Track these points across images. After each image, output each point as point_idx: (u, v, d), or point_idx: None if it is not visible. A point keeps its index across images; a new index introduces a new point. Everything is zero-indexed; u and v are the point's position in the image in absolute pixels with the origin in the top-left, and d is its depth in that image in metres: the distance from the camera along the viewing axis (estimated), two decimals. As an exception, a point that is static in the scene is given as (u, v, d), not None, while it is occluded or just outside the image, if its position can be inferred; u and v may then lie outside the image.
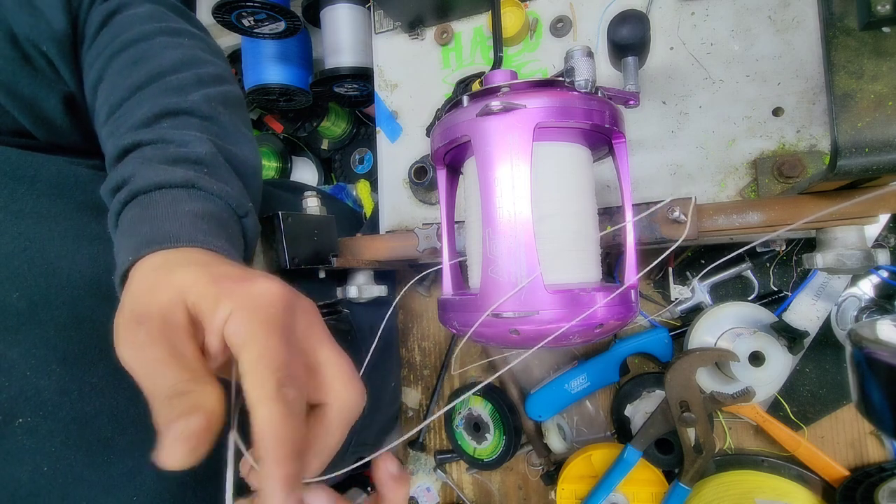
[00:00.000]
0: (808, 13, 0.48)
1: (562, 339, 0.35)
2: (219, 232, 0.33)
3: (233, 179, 0.38)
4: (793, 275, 0.55)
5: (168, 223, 0.31)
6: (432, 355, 0.70)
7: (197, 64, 0.42)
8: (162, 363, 0.24)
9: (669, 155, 0.52)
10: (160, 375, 0.24)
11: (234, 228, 0.36)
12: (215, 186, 0.35)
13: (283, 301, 0.27)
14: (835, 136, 0.32)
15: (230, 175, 0.38)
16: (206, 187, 0.34)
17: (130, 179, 0.33)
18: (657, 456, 0.55)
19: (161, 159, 0.35)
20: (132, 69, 0.39)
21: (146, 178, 0.33)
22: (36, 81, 0.41)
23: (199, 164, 0.36)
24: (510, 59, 0.59)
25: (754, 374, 0.49)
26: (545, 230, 0.36)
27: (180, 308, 0.26)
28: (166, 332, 0.25)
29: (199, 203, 0.33)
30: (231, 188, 0.37)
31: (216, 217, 0.34)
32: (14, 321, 0.32)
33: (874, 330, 0.32)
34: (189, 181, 0.34)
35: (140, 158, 0.35)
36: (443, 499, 0.69)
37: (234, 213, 0.36)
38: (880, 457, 0.52)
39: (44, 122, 0.43)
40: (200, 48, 0.44)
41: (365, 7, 0.76)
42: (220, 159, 0.38)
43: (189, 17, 0.48)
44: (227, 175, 0.38)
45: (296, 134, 1.00)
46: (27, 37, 0.39)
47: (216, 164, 0.37)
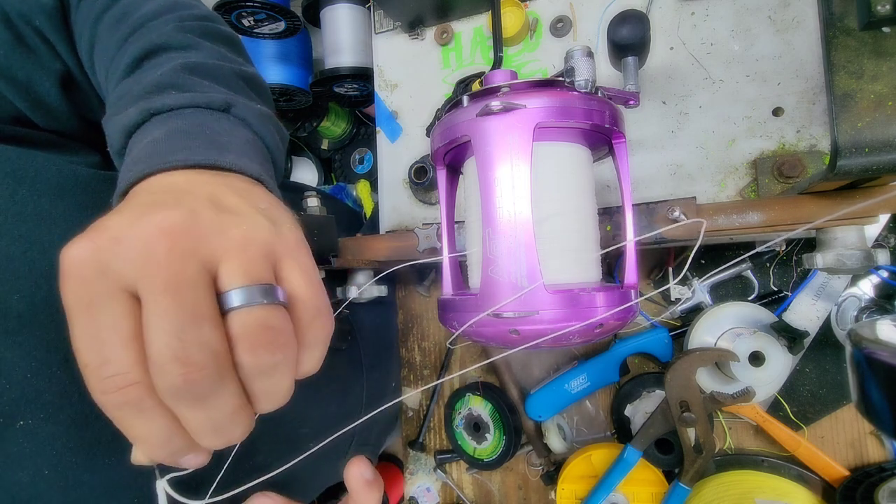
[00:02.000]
0: (808, 13, 0.48)
1: (562, 340, 0.35)
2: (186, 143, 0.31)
3: (202, 85, 0.36)
4: (793, 275, 0.55)
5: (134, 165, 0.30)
6: (432, 355, 0.70)
7: (180, 7, 0.41)
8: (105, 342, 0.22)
9: (669, 155, 0.52)
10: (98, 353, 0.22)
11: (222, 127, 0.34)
12: (172, 100, 0.33)
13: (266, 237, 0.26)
14: (835, 136, 0.32)
15: (198, 83, 0.36)
16: (162, 107, 0.33)
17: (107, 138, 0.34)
18: (657, 456, 0.55)
19: (122, 107, 0.34)
20: (117, 26, 0.39)
21: (110, 134, 0.33)
22: (30, 62, 0.41)
23: (158, 91, 0.34)
24: (510, 59, 0.59)
25: (754, 374, 0.49)
26: (545, 230, 0.36)
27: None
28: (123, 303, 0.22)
29: (162, 126, 0.32)
30: (198, 92, 0.35)
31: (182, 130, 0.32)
32: (14, 323, 0.32)
33: (874, 330, 0.32)
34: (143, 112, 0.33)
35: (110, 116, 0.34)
36: (443, 499, 0.69)
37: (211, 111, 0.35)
38: (880, 457, 0.52)
39: (41, 105, 0.43)
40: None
41: (365, 7, 0.76)
42: (184, 75, 0.36)
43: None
44: (192, 84, 0.36)
45: (296, 134, 1.00)
46: (19, 13, 0.39)
47: (177, 82, 0.35)
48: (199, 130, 0.32)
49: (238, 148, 0.32)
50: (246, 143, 0.33)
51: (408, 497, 0.70)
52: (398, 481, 0.75)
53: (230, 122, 0.34)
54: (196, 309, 0.22)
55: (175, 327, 0.22)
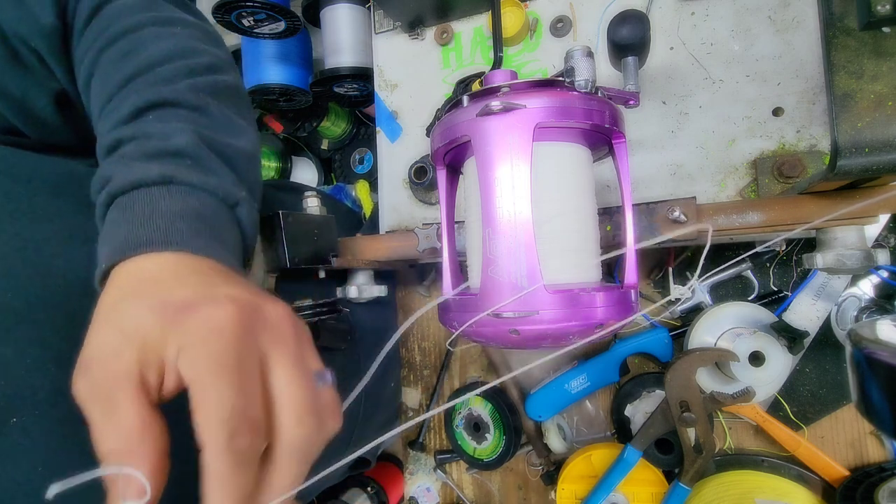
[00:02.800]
0: (808, 13, 0.48)
1: (562, 340, 0.35)
2: (200, 229, 0.31)
3: (221, 168, 0.36)
4: (793, 275, 0.55)
5: (142, 227, 0.30)
6: (432, 355, 0.70)
7: (188, 54, 0.39)
8: (98, 423, 0.24)
9: (669, 155, 0.52)
10: (97, 432, 0.24)
11: (224, 220, 0.34)
12: (196, 178, 0.33)
13: (235, 327, 0.25)
14: (835, 136, 0.32)
15: (218, 164, 0.36)
16: (185, 180, 0.33)
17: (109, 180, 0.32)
18: (657, 456, 0.55)
19: (138, 155, 0.33)
20: (121, 63, 0.38)
21: (123, 177, 0.32)
22: (26, 79, 0.41)
23: (179, 157, 0.34)
24: (510, 59, 0.59)
25: (754, 374, 0.49)
26: (545, 230, 0.36)
27: (126, 354, 0.25)
28: (107, 385, 0.24)
29: (179, 200, 0.32)
30: (218, 178, 0.35)
31: (198, 213, 0.32)
32: (9, 321, 0.32)
33: (874, 330, 0.32)
34: (166, 177, 0.32)
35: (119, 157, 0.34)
36: (443, 499, 0.69)
37: (223, 204, 0.35)
38: (880, 457, 0.52)
39: (35, 120, 0.42)
40: (195, 37, 0.42)
41: (365, 7, 0.76)
42: (205, 149, 0.35)
43: (183, 4, 0.46)
44: (213, 165, 0.35)
45: (296, 134, 1.00)
46: (15, 32, 0.39)
47: (200, 155, 0.35)
48: (212, 220, 0.33)
49: (231, 247, 0.34)
50: (236, 246, 0.35)
51: (408, 497, 0.70)
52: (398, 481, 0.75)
53: (231, 219, 0.35)
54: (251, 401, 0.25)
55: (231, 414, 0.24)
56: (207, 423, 0.23)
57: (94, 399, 0.24)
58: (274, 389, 0.26)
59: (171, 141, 0.34)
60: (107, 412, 0.24)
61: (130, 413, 0.24)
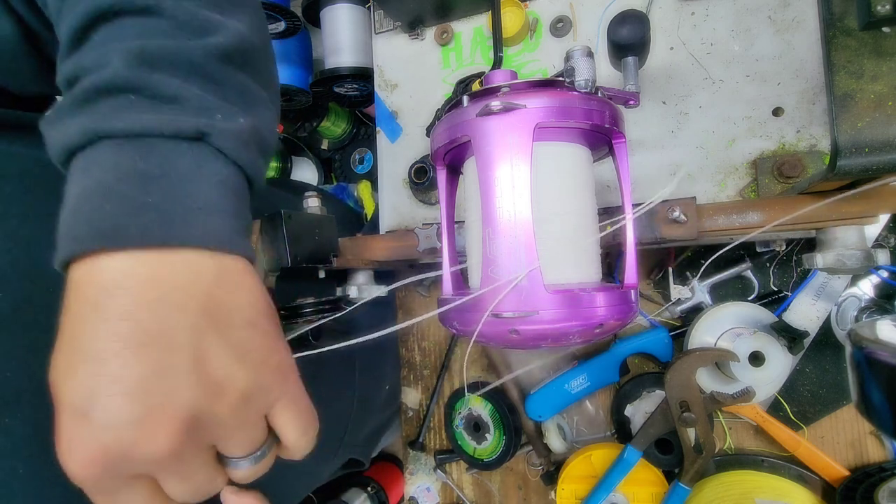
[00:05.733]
0: (808, 13, 0.48)
1: (562, 340, 0.35)
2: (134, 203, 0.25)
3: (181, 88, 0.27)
4: (793, 275, 0.55)
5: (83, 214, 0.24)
6: (432, 355, 0.70)
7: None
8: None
9: (669, 155, 0.52)
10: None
11: (185, 169, 0.27)
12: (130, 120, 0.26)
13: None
14: (835, 136, 0.32)
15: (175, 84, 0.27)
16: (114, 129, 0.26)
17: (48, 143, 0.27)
18: (657, 456, 0.55)
19: (69, 104, 0.27)
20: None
21: (53, 142, 0.27)
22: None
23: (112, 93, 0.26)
24: (510, 59, 0.59)
25: (754, 374, 0.49)
26: (545, 230, 0.36)
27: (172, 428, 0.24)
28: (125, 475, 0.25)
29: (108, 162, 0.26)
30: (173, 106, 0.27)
31: (141, 174, 0.25)
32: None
33: (874, 330, 0.32)
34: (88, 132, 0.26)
35: (57, 108, 0.27)
36: (443, 499, 0.69)
37: (179, 141, 0.27)
38: (880, 457, 0.52)
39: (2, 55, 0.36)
40: None
41: (365, 7, 0.76)
42: (147, 70, 0.27)
43: None
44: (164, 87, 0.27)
45: (296, 134, 1.00)
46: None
47: (141, 81, 0.27)
48: (161, 177, 0.26)
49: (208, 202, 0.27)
50: (219, 185, 0.28)
51: (408, 497, 0.70)
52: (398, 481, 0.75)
53: (201, 154, 0.27)
54: (207, 480, 0.27)
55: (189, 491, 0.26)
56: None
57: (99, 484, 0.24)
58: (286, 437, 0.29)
59: (102, 73, 0.26)
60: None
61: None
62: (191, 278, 0.25)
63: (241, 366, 0.26)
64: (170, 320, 0.24)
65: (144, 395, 0.23)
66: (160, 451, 0.24)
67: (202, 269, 0.26)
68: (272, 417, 0.28)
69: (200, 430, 0.25)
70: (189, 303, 0.25)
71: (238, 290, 0.27)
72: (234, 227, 0.28)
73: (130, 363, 0.23)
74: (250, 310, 0.27)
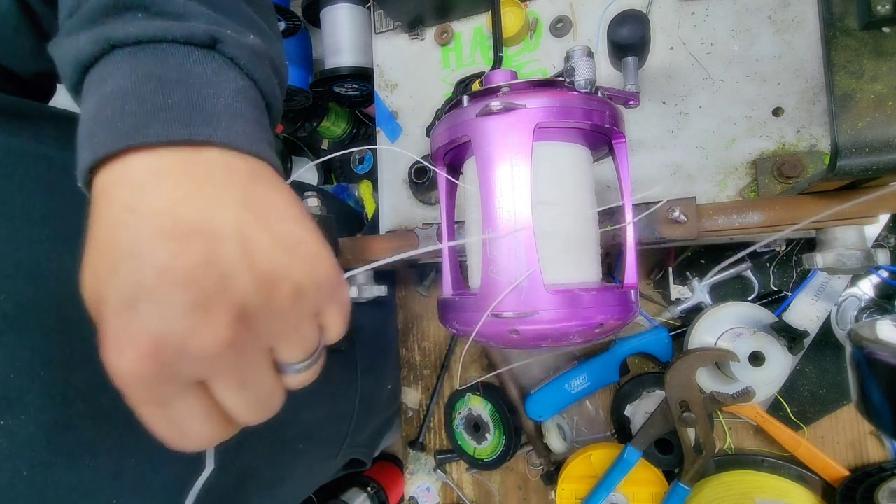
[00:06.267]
0: (808, 13, 0.48)
1: (562, 340, 0.35)
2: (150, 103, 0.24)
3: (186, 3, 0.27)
4: (793, 275, 0.55)
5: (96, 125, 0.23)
6: (432, 355, 0.70)
7: None
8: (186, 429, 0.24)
9: (669, 155, 0.52)
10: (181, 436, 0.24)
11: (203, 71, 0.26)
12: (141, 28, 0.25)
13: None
14: (835, 136, 0.32)
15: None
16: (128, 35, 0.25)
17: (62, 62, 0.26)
18: (657, 456, 0.55)
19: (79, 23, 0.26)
20: None
21: (65, 57, 0.26)
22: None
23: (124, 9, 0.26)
24: (510, 59, 0.59)
25: (754, 374, 0.49)
26: (545, 230, 0.36)
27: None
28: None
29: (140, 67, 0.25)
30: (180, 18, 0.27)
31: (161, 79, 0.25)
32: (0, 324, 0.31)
33: (874, 330, 0.32)
34: (100, 41, 0.25)
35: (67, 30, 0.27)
36: (443, 499, 0.69)
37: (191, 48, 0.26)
38: (880, 457, 0.52)
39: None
40: None
41: (365, 7, 0.76)
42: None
43: None
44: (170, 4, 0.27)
45: (296, 134, 1.00)
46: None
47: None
48: (179, 81, 0.25)
49: (228, 106, 0.26)
50: (237, 94, 0.27)
51: (408, 497, 0.70)
52: (398, 481, 0.75)
53: (215, 63, 0.27)
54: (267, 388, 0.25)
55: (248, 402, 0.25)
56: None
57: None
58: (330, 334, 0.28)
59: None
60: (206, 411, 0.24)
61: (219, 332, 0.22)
62: (225, 174, 0.24)
63: (292, 259, 0.24)
64: (211, 213, 0.23)
65: (194, 283, 0.21)
66: (216, 343, 0.22)
67: (235, 166, 0.25)
68: (322, 318, 0.27)
69: (256, 327, 0.23)
70: (227, 197, 0.23)
71: (274, 189, 0.26)
72: (258, 134, 0.27)
73: (176, 254, 0.21)
74: (291, 207, 0.26)
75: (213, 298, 0.22)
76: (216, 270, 0.22)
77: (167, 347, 0.21)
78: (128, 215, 0.22)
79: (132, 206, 0.22)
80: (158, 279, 0.21)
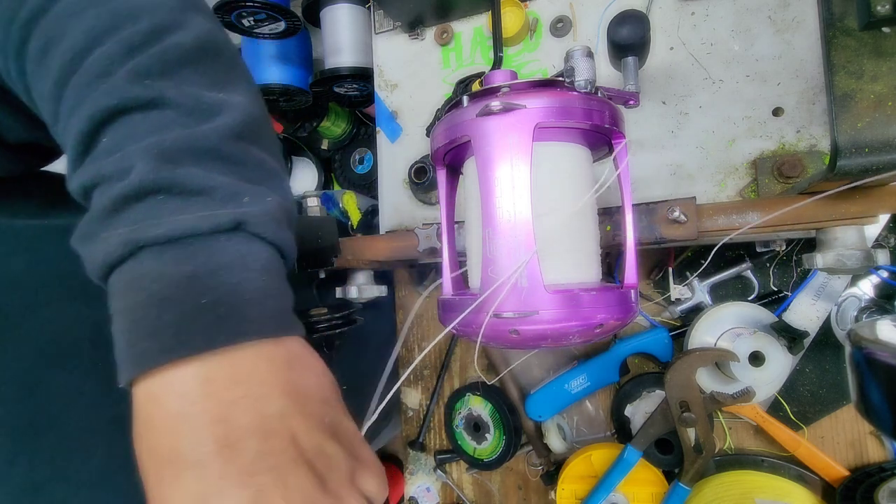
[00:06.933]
0: (808, 13, 0.48)
1: (562, 340, 0.35)
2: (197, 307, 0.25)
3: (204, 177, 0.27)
4: (793, 275, 0.55)
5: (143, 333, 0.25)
6: (432, 355, 0.70)
7: (120, 23, 0.28)
8: None
9: (669, 155, 0.51)
10: None
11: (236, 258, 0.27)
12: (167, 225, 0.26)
13: None
14: (835, 136, 0.32)
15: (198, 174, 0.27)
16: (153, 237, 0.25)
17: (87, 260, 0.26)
18: (657, 456, 0.55)
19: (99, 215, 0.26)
20: (44, 64, 0.28)
21: (91, 259, 0.26)
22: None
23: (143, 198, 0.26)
24: (510, 59, 0.59)
25: (754, 374, 0.49)
26: (545, 230, 0.36)
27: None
28: None
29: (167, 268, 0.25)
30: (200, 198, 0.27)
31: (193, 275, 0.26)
32: None
33: (874, 330, 0.32)
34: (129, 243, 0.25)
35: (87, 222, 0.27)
36: (443, 499, 0.69)
37: (216, 235, 0.27)
38: (880, 457, 0.52)
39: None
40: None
41: (365, 7, 0.76)
42: (170, 168, 0.26)
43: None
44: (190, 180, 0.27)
45: (296, 134, 1.00)
46: None
47: (166, 181, 0.26)
48: (210, 274, 0.25)
49: (259, 290, 0.27)
50: (264, 272, 0.27)
51: (408, 497, 0.70)
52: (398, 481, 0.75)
53: (242, 244, 0.27)
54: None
55: None
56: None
57: None
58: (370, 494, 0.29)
59: (128, 179, 0.26)
60: None
61: None
62: (266, 368, 0.26)
63: (333, 442, 0.27)
64: (260, 414, 0.25)
65: (252, 478, 0.24)
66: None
67: (273, 358, 0.26)
68: (358, 483, 0.29)
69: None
70: (271, 392, 0.25)
71: (307, 370, 0.28)
72: (285, 309, 0.28)
73: (234, 458, 0.23)
74: (322, 389, 0.28)
75: (273, 492, 0.24)
76: (272, 468, 0.24)
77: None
78: (184, 425, 0.24)
79: (186, 416, 0.24)
80: (220, 485, 0.23)
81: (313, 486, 0.25)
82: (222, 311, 0.25)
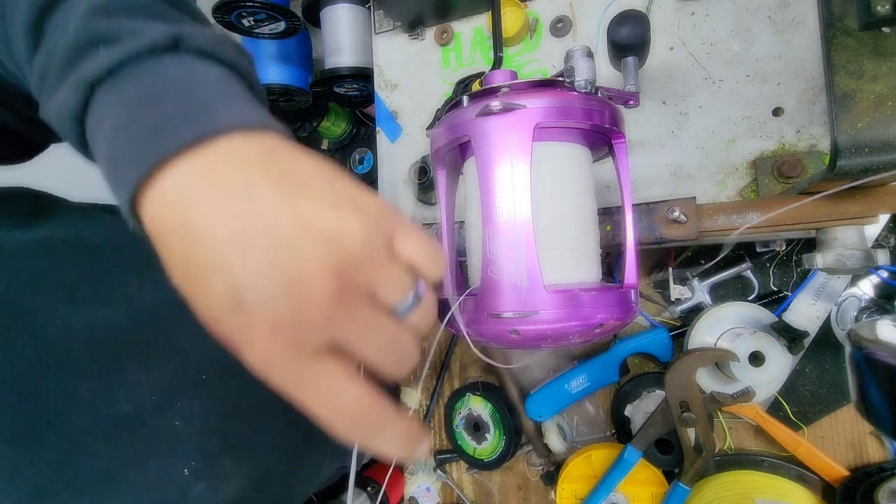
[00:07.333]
0: (808, 13, 0.48)
1: (562, 340, 0.35)
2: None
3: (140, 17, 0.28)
4: (793, 275, 0.55)
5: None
6: (432, 355, 0.70)
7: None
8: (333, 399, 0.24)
9: (669, 155, 0.51)
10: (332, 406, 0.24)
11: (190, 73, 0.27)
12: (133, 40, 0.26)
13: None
14: (835, 136, 0.32)
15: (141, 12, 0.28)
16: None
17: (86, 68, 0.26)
18: (657, 456, 0.55)
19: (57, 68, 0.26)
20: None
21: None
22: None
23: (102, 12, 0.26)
24: (510, 59, 0.58)
25: (754, 374, 0.49)
26: (545, 230, 0.36)
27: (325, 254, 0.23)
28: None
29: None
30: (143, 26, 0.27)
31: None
32: None
33: (874, 330, 0.32)
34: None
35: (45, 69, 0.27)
36: (443, 499, 0.69)
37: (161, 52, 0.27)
38: (880, 457, 0.52)
39: None
40: None
41: (365, 7, 0.76)
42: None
43: None
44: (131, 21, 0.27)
45: (296, 134, 1.00)
46: None
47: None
48: (164, 90, 0.25)
49: (218, 93, 0.26)
50: (220, 81, 0.27)
51: (408, 497, 0.70)
52: (398, 481, 0.75)
53: (187, 62, 0.27)
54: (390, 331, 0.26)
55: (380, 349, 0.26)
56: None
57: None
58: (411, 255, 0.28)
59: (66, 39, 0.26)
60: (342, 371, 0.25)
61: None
62: (252, 156, 0.25)
63: (341, 213, 0.25)
64: (258, 201, 0.24)
65: (275, 266, 0.23)
66: (321, 302, 0.23)
67: (255, 146, 0.25)
68: (399, 252, 0.27)
69: (346, 280, 0.24)
70: (263, 180, 0.24)
71: (293, 156, 0.26)
72: (258, 110, 0.27)
73: (247, 250, 0.23)
74: (316, 168, 0.26)
75: (297, 271, 0.23)
76: (287, 248, 0.23)
77: (284, 325, 0.22)
78: (188, 234, 0.23)
79: (186, 224, 0.23)
80: (247, 276, 0.22)
81: (340, 258, 0.24)
82: (186, 112, 0.25)
